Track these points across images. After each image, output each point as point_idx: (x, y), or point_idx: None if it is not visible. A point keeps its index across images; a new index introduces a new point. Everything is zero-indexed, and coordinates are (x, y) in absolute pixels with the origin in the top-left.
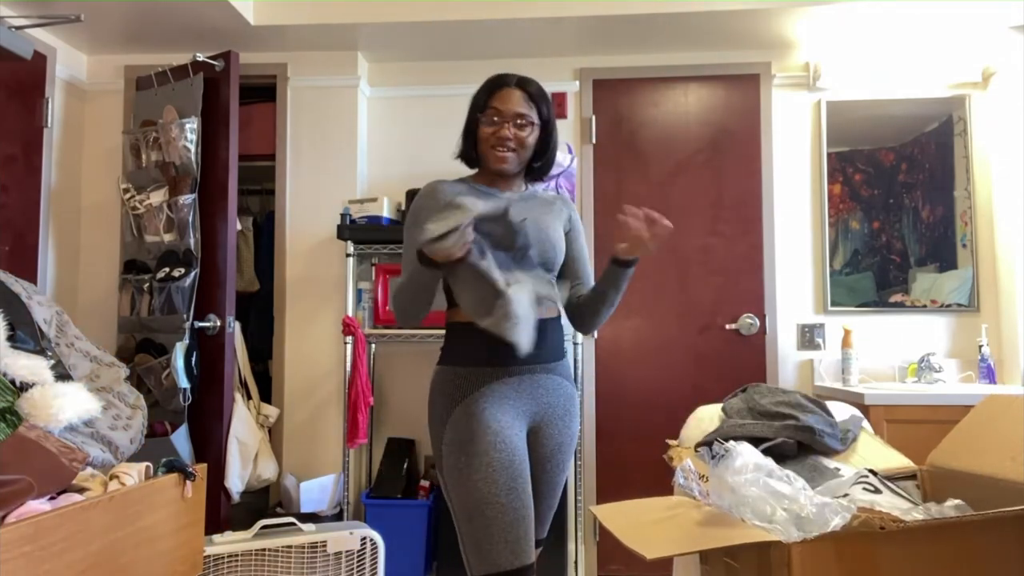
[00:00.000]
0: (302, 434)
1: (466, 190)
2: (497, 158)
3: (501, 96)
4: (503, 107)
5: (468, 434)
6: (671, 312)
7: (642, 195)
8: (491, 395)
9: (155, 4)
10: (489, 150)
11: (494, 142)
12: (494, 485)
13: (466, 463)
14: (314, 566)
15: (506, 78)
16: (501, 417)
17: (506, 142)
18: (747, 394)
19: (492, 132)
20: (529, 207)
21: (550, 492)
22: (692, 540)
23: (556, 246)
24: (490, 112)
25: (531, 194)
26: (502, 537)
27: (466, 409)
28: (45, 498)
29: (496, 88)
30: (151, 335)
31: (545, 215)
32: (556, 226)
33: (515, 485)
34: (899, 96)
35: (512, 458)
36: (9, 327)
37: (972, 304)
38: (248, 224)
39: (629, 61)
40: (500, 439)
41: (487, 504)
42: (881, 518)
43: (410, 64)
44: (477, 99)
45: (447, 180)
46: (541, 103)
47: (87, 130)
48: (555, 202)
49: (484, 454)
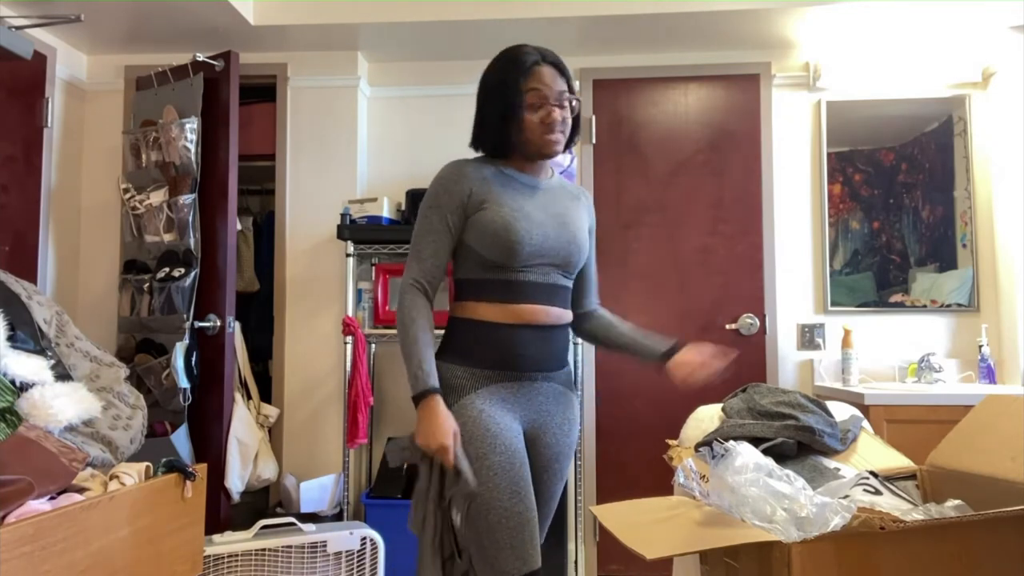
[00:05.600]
0: (302, 434)
1: (492, 176)
2: (549, 143)
3: (539, 76)
4: (546, 89)
5: (466, 437)
6: (671, 312)
7: (642, 195)
8: (488, 397)
9: (155, 4)
10: (541, 136)
11: (545, 129)
12: (496, 489)
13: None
14: (314, 566)
15: (534, 55)
16: (500, 419)
17: (557, 125)
18: (747, 394)
19: (540, 118)
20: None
21: (547, 501)
22: (692, 540)
23: (582, 247)
24: (532, 95)
25: (557, 184)
26: (508, 543)
27: (462, 411)
28: (45, 498)
29: (530, 67)
30: (151, 335)
31: (572, 210)
32: (582, 223)
33: (517, 488)
34: (899, 96)
35: (512, 460)
36: (9, 327)
37: (972, 304)
38: (248, 224)
39: (629, 61)
40: (499, 441)
41: (490, 509)
42: (881, 518)
43: (410, 64)
44: (510, 80)
45: (470, 161)
46: (567, 74)
47: (87, 130)
48: (580, 196)
49: (484, 458)
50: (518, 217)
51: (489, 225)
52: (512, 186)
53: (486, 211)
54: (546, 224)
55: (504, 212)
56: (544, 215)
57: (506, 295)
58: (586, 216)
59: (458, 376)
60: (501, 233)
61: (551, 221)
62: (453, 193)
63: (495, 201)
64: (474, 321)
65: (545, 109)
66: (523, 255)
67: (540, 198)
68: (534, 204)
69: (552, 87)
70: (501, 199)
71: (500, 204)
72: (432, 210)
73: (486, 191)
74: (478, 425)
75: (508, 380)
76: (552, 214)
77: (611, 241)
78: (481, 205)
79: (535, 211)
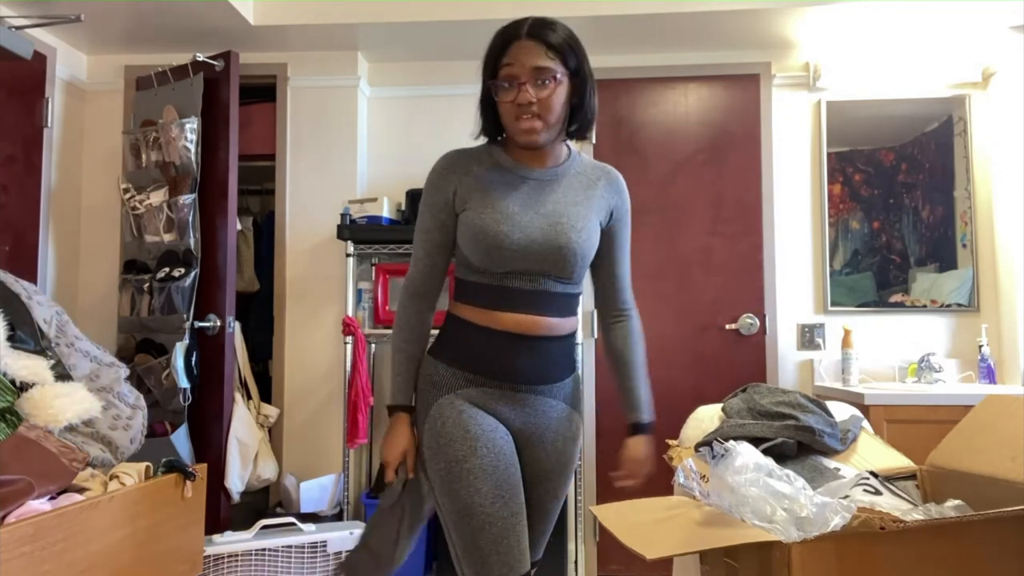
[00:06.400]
0: (302, 434)
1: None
2: (522, 131)
3: (513, 52)
4: (516, 65)
5: (446, 437)
6: (671, 312)
7: (642, 195)
8: (472, 398)
9: (155, 4)
10: (512, 122)
11: (515, 112)
12: (477, 494)
13: (446, 469)
14: (314, 566)
15: (516, 27)
16: (482, 420)
17: (528, 108)
18: (747, 394)
19: (510, 99)
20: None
21: (541, 519)
22: (692, 540)
23: (579, 251)
24: (503, 74)
25: (571, 170)
26: (492, 548)
27: (442, 410)
28: (45, 498)
29: (507, 43)
30: (151, 335)
31: (576, 203)
32: (585, 221)
33: (501, 492)
34: (899, 96)
35: (496, 463)
36: (9, 327)
37: (972, 304)
38: (248, 224)
39: (629, 61)
40: (481, 443)
41: (472, 515)
42: (881, 518)
43: (410, 64)
44: (488, 61)
45: (470, 151)
46: (566, 52)
47: (87, 130)
48: (598, 182)
49: (464, 460)
50: (499, 220)
51: (469, 228)
52: (503, 181)
53: (468, 212)
54: (531, 226)
55: (484, 215)
56: (533, 215)
57: (488, 301)
58: (603, 207)
59: (442, 374)
60: (479, 237)
61: (540, 222)
62: (440, 191)
63: (478, 201)
64: (461, 321)
65: (515, 89)
66: (502, 260)
67: (534, 194)
68: (523, 203)
69: (525, 63)
70: (485, 199)
71: (483, 205)
72: (424, 207)
73: (470, 190)
74: (458, 426)
75: (492, 388)
76: (544, 213)
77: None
78: (464, 205)
79: (522, 211)
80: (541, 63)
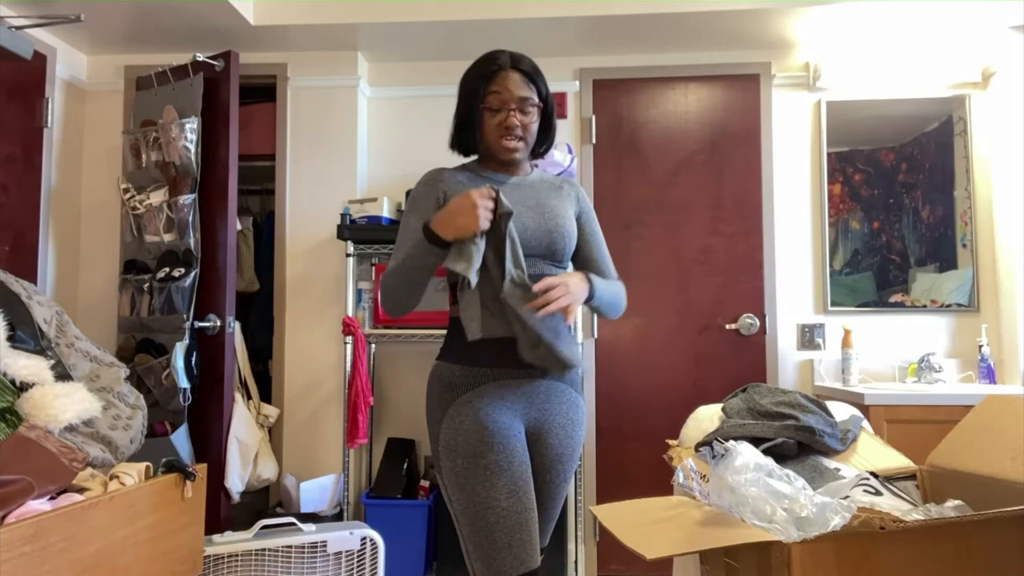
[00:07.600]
0: (302, 434)
1: (469, 180)
2: (506, 148)
3: (502, 81)
4: (505, 93)
5: (463, 435)
6: (671, 312)
7: (642, 195)
8: (487, 395)
9: (155, 4)
10: (497, 140)
11: (501, 132)
12: (493, 489)
13: (463, 466)
14: (314, 566)
15: (499, 59)
16: (498, 418)
17: (514, 130)
18: (747, 394)
19: (498, 122)
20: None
21: (550, 503)
22: (692, 540)
23: (565, 234)
24: (491, 99)
25: (537, 178)
26: (505, 543)
27: (460, 409)
28: (45, 498)
29: (492, 73)
30: (151, 335)
31: (551, 199)
32: (564, 211)
33: (516, 488)
34: (899, 96)
35: (511, 460)
36: (9, 327)
37: (972, 304)
38: (248, 224)
39: (629, 61)
40: (497, 440)
41: (488, 509)
42: (881, 518)
43: (410, 64)
44: (472, 86)
45: (449, 168)
46: (538, 81)
47: (87, 130)
48: (563, 186)
49: (481, 456)
50: None
51: None
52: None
53: None
54: (524, 215)
55: None
56: (522, 207)
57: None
58: (572, 204)
59: (456, 375)
60: None
61: (529, 212)
62: (429, 195)
63: None
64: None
65: (504, 113)
66: None
67: (517, 193)
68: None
69: (513, 92)
70: None
71: None
72: (410, 213)
73: (457, 191)
74: (475, 423)
75: (507, 378)
76: (530, 205)
77: (611, 241)
78: None
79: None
80: (525, 93)
